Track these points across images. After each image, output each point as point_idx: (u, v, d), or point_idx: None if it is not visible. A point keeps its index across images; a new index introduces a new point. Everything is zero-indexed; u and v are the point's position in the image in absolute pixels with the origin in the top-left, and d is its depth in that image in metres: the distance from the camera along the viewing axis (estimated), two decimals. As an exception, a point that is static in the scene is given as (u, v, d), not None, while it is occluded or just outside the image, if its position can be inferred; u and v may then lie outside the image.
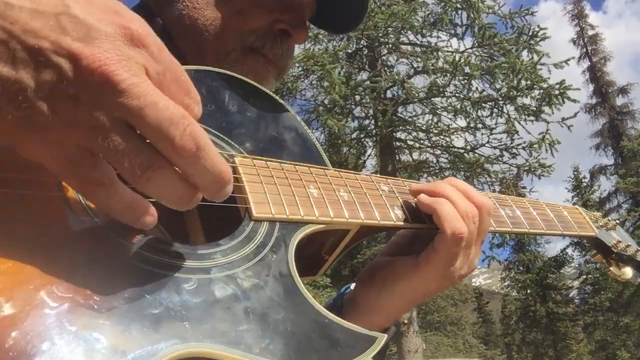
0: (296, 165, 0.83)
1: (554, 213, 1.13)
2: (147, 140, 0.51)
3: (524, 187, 14.85)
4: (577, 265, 29.51)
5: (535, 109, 11.78)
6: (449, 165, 12.72)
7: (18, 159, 0.53)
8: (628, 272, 1.23)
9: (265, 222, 0.72)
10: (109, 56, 0.47)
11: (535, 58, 11.71)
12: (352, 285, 0.97)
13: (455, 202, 0.85)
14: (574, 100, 11.68)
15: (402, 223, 0.86)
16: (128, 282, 0.54)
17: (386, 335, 0.66)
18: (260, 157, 0.80)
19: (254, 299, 0.61)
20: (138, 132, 0.50)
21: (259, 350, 0.57)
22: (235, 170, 0.75)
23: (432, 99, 12.20)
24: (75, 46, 0.47)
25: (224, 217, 0.74)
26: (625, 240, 1.27)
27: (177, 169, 0.53)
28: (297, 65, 11.89)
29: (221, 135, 0.79)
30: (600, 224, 1.25)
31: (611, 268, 1.24)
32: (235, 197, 0.73)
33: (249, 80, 0.89)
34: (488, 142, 12.28)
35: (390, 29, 12.16)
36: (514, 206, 1.06)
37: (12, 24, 0.46)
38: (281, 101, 0.91)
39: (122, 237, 0.58)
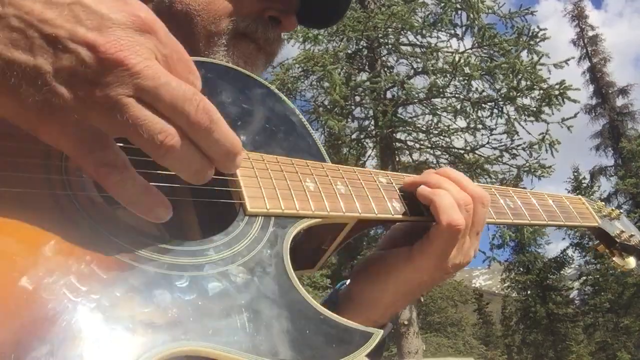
0: (292, 158, 0.82)
1: (556, 203, 1.12)
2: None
3: (524, 188, 14.85)
4: (577, 267, 29.53)
5: (535, 109, 11.77)
6: (449, 166, 12.69)
7: (2, 127, 0.53)
8: (632, 262, 1.22)
9: (260, 217, 0.70)
10: (123, 42, 0.51)
11: (535, 58, 11.70)
12: (348, 282, 0.97)
13: (450, 192, 0.86)
14: (574, 101, 11.67)
15: (400, 216, 0.85)
16: (118, 279, 0.53)
17: (382, 331, 0.66)
18: (255, 151, 0.79)
19: (247, 296, 0.60)
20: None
21: (252, 348, 0.56)
22: None
23: (432, 99, 12.20)
24: (90, 35, 0.50)
25: (220, 211, 0.73)
26: (630, 229, 1.25)
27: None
28: (297, 66, 11.89)
29: None
30: (604, 213, 1.24)
31: (614, 258, 1.23)
32: (230, 192, 0.72)
33: (246, 72, 0.88)
34: (488, 142, 12.28)
35: (390, 29, 12.16)
36: (515, 197, 1.05)
37: (27, 13, 0.49)
38: (279, 93, 0.90)
39: (112, 234, 0.57)
